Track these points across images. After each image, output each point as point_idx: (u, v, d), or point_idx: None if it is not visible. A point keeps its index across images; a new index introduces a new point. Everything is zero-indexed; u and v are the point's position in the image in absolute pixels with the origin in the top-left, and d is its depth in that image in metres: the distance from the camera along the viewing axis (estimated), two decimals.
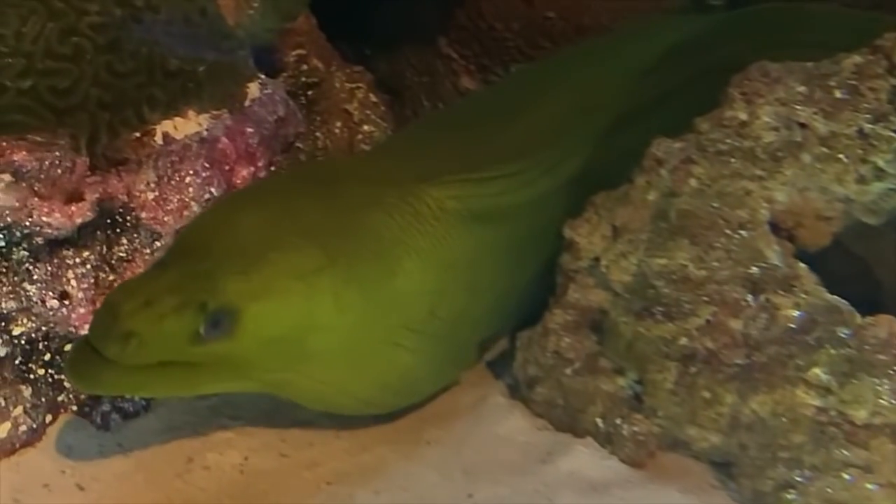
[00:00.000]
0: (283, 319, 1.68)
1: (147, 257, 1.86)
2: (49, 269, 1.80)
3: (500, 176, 1.94)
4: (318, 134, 2.38)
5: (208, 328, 1.63)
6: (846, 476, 1.61)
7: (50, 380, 1.84)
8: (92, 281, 1.83)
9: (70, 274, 1.81)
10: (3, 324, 1.78)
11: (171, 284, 1.64)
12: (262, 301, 1.66)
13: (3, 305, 1.77)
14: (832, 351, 1.65)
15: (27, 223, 1.76)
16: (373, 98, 2.49)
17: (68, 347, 1.83)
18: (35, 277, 1.79)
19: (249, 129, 1.98)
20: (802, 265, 1.72)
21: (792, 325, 1.68)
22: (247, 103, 2.00)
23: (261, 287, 1.66)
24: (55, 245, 1.80)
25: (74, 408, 1.87)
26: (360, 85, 2.48)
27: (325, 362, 1.74)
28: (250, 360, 1.68)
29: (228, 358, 1.66)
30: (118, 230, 1.85)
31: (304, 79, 2.40)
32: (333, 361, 1.74)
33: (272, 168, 2.03)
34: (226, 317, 1.64)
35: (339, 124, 2.41)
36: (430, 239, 1.83)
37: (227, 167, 1.93)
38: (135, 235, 1.85)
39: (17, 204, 1.74)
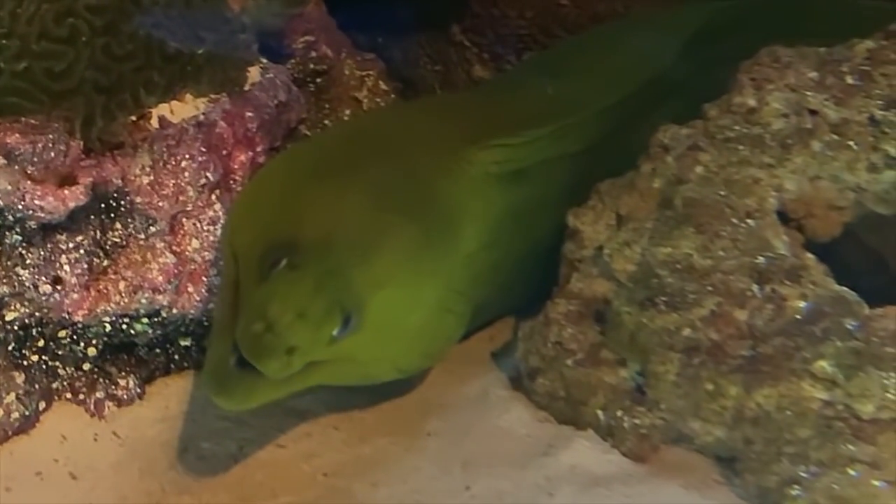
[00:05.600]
0: (398, 304, 1.67)
1: (141, 242, 1.83)
2: (42, 253, 1.77)
3: (530, 142, 1.93)
4: (326, 122, 2.34)
5: (342, 328, 1.60)
6: (852, 472, 1.57)
7: (44, 366, 1.82)
8: (85, 266, 1.79)
9: (63, 259, 1.78)
10: None
11: (313, 289, 1.59)
12: (384, 289, 1.64)
13: None
14: (839, 343, 1.60)
15: (20, 207, 1.73)
16: (383, 86, 2.45)
17: (62, 334, 1.81)
18: (28, 262, 1.77)
19: (249, 114, 1.94)
20: (810, 255, 1.68)
21: (798, 317, 1.64)
22: (247, 87, 1.96)
23: (382, 275, 1.65)
24: (48, 229, 1.77)
25: (69, 395, 1.85)
26: (371, 73, 2.43)
27: (400, 339, 1.72)
28: (353, 352, 1.65)
29: (337, 353, 1.63)
30: (112, 215, 1.81)
31: (312, 66, 2.36)
32: (406, 337, 1.73)
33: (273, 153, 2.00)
34: (355, 313, 1.61)
35: (347, 112, 2.37)
36: (480, 202, 1.85)
37: (224, 152, 1.89)
38: (129, 220, 1.82)
39: (9, 187, 1.71)
